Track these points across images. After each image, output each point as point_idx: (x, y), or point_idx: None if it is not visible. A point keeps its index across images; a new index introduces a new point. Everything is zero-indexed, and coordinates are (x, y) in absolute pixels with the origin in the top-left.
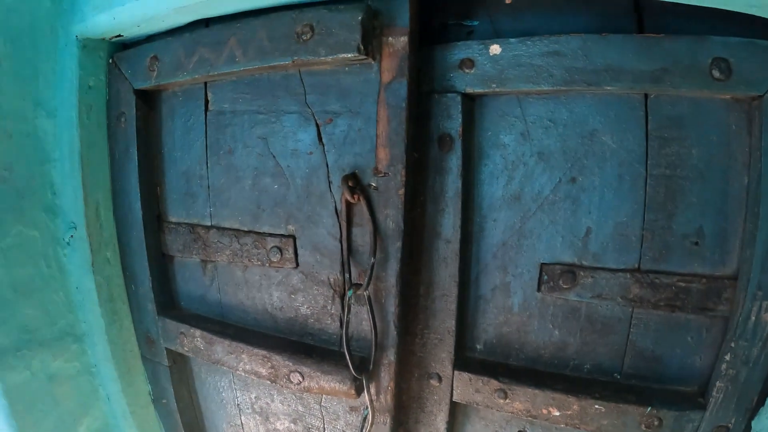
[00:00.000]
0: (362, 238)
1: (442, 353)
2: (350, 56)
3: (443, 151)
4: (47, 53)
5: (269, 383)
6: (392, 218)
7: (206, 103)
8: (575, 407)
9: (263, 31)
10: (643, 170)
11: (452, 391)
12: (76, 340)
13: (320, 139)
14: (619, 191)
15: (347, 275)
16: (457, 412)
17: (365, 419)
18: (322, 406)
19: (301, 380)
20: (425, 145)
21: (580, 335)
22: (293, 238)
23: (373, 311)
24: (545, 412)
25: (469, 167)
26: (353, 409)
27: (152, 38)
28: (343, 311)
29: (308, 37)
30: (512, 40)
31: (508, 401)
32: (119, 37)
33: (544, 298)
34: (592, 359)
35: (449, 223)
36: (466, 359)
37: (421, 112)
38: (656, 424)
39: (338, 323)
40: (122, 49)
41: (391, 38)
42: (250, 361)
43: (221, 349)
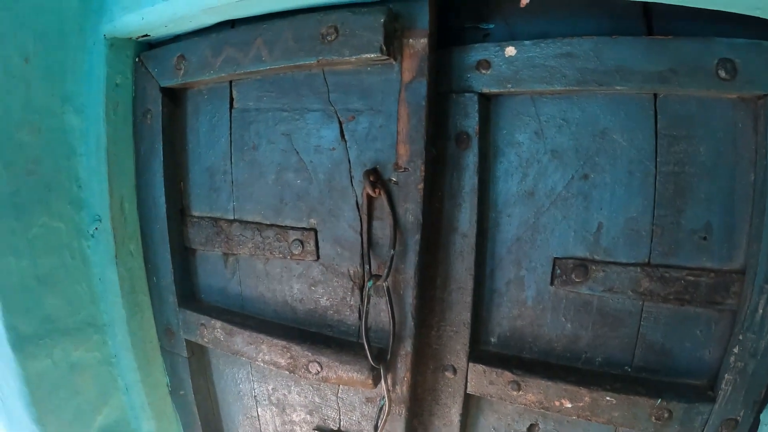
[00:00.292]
0: (382, 231)
1: (457, 345)
2: (373, 56)
3: (460, 148)
4: (75, 51)
5: (287, 374)
6: (411, 212)
7: (231, 101)
8: (587, 399)
9: (289, 32)
10: (652, 167)
11: (467, 383)
12: (97, 330)
13: (343, 135)
14: (629, 188)
15: (367, 267)
16: (471, 404)
17: (381, 410)
18: (338, 397)
19: (319, 370)
20: (443, 142)
21: (591, 328)
22: (315, 231)
23: (391, 302)
24: (557, 404)
25: (485, 164)
26: (369, 400)
27: (178, 38)
28: (362, 302)
29: (333, 38)
30: (527, 42)
31: (521, 393)
32: (146, 36)
33: (556, 291)
34: (603, 352)
35: (466, 218)
36: (480, 352)
37: (439, 110)
38: (666, 416)
39: (357, 314)
40: (147, 48)
41: (411, 40)
42: (269, 351)
43: (241, 340)
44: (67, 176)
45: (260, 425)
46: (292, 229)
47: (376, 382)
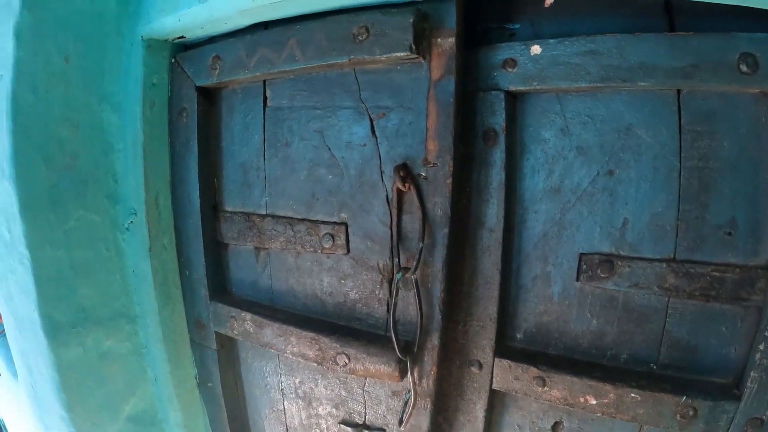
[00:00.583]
0: (411, 224)
1: (483, 340)
2: (402, 55)
3: (488, 145)
4: (113, 52)
5: (315, 368)
6: (440, 206)
7: (265, 99)
8: (612, 396)
9: (322, 32)
10: (677, 163)
11: (492, 378)
12: (129, 321)
13: (373, 132)
14: (654, 183)
15: (396, 260)
16: (495, 400)
17: (406, 403)
18: (365, 390)
19: (347, 362)
20: (471, 139)
21: (617, 324)
22: (345, 225)
23: (420, 295)
24: (582, 400)
25: (512, 161)
26: (395, 393)
27: (213, 39)
28: (390, 295)
29: (364, 37)
30: (551, 40)
31: (546, 389)
32: (181, 38)
33: (582, 287)
34: (628, 349)
35: (493, 213)
36: (506, 347)
37: (467, 108)
38: (691, 414)
39: (385, 308)
40: (183, 49)
41: (439, 39)
42: (298, 343)
43: (270, 332)
44: (104, 171)
45: (286, 418)
46: (323, 223)
47: (402, 375)
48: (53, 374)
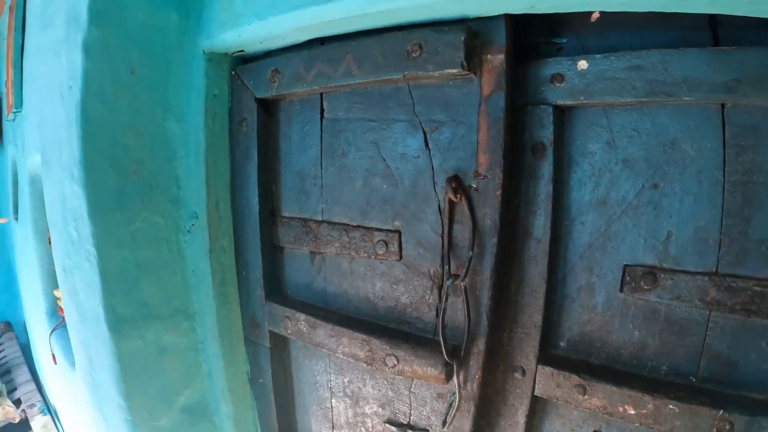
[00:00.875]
0: (461, 234)
1: (527, 347)
2: (454, 72)
3: (536, 158)
4: (176, 64)
5: (364, 368)
6: (490, 216)
7: (322, 111)
8: (650, 406)
9: (377, 48)
10: (720, 177)
11: (534, 384)
12: (187, 318)
13: (427, 144)
14: (698, 197)
15: (447, 267)
16: (537, 407)
17: (451, 405)
18: (411, 392)
19: (396, 363)
20: (520, 152)
21: (658, 336)
22: (398, 233)
23: (468, 301)
24: (621, 410)
25: (559, 173)
26: (440, 395)
27: (270, 53)
28: (440, 300)
29: (417, 54)
30: (597, 56)
31: (586, 397)
32: (240, 51)
33: (625, 298)
34: (669, 361)
35: (540, 224)
36: (549, 355)
37: (516, 122)
38: (727, 428)
39: (434, 313)
40: (241, 62)
41: (490, 56)
42: (349, 344)
43: (323, 332)
44: (167, 177)
45: (332, 415)
46: (377, 230)
47: (448, 377)
48: (114, 365)
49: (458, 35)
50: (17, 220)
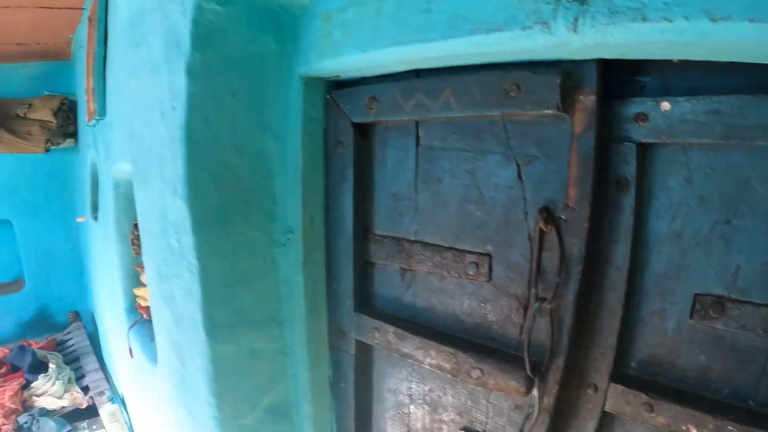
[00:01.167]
0: (549, 260)
1: (601, 366)
2: (550, 112)
3: (619, 192)
4: (274, 87)
5: (446, 378)
6: (576, 246)
7: (417, 138)
8: (711, 427)
9: (476, 85)
10: None
11: (605, 401)
12: (278, 324)
13: (520, 176)
14: (766, 234)
15: (534, 290)
16: (605, 422)
17: (527, 417)
18: (489, 402)
19: (480, 375)
20: (605, 186)
21: (722, 361)
22: (489, 256)
23: (553, 322)
24: (684, 428)
25: (640, 206)
26: (517, 407)
27: (365, 80)
28: (525, 320)
29: (515, 94)
30: (680, 98)
31: (653, 415)
32: (336, 77)
33: (694, 325)
34: (730, 385)
35: (620, 253)
36: (621, 374)
37: (602, 157)
38: None
39: (518, 331)
40: (334, 85)
41: (581, 96)
42: (437, 356)
43: (411, 344)
44: (264, 193)
45: (409, 420)
46: (468, 252)
47: (528, 391)
48: (208, 366)
49: (554, 78)
50: (96, 219)
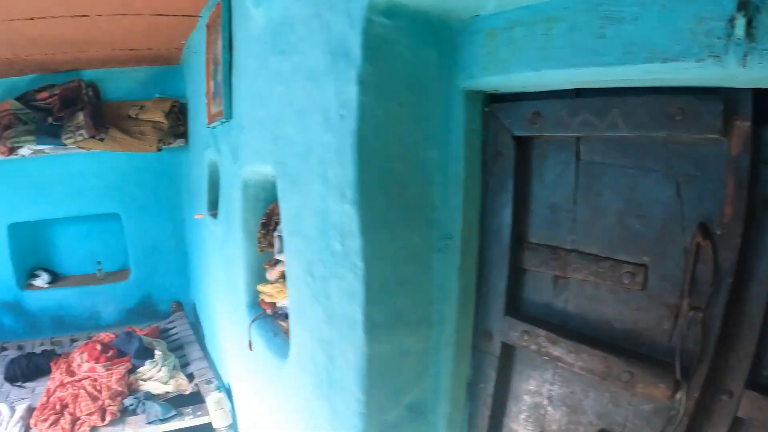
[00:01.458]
0: (703, 273)
1: (738, 373)
2: (713, 136)
3: (766, 210)
4: (435, 99)
5: (590, 380)
6: (728, 260)
7: (577, 153)
8: None
9: (642, 108)
10: None
11: (738, 407)
12: (427, 326)
13: (679, 194)
14: None
15: (687, 300)
16: (736, 427)
17: (669, 419)
18: (630, 405)
19: (630, 378)
20: (755, 205)
21: None
22: (645, 267)
23: (702, 330)
24: None
25: None
26: (658, 410)
27: (524, 95)
28: (676, 327)
29: (680, 117)
30: None
31: None
32: (495, 91)
33: None
34: None
35: (763, 268)
36: (755, 381)
37: (753, 178)
38: None
39: (668, 337)
40: (489, 98)
41: (738, 122)
42: (588, 359)
43: (563, 347)
44: (424, 200)
45: (545, 421)
46: (625, 263)
47: (673, 394)
48: (362, 364)
49: (718, 105)
50: (215, 216)
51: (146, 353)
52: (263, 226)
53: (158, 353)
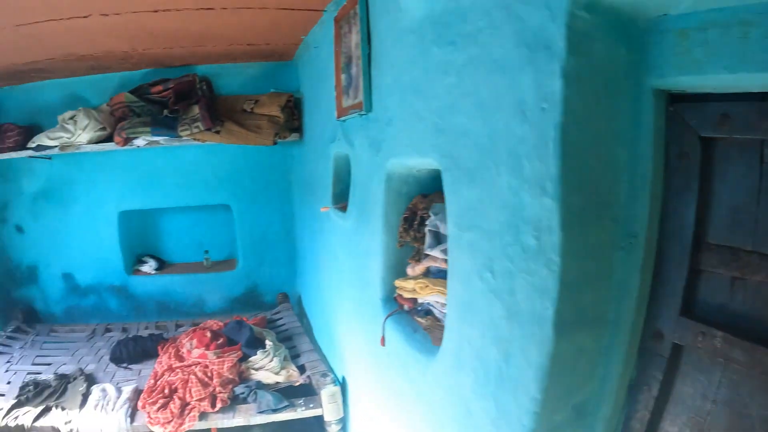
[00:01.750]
0: None
1: None
2: None
3: None
4: (624, 96)
5: (759, 384)
6: None
7: (761, 156)
8: None
9: None
10: None
11: None
12: (603, 324)
13: None
14: None
15: None
16: None
17: None
18: None
19: None
20: None
21: None
22: None
23: None
24: None
25: None
26: None
27: (710, 96)
28: None
29: None
30: None
31: None
32: (681, 91)
33: None
34: None
35: None
36: None
37: None
38: None
39: None
40: (670, 98)
41: None
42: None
43: (741, 349)
44: (611, 197)
45: (705, 425)
46: None
47: None
48: (545, 362)
49: None
50: (342, 210)
51: (256, 343)
52: (405, 220)
53: (269, 343)
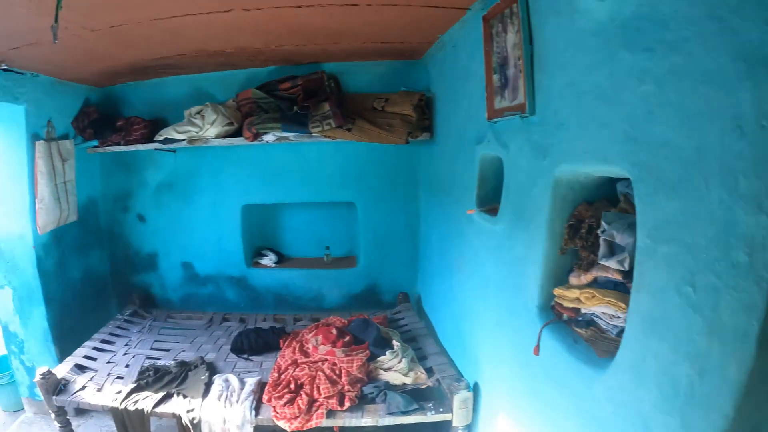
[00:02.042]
0: None
1: None
2: None
3: None
4: None
5: None
6: None
7: None
8: None
9: None
10: None
11: None
12: None
13: None
14: None
15: None
16: None
17: None
18: None
19: None
20: None
21: None
22: None
23: None
24: None
25: None
26: None
27: None
28: None
29: None
30: None
31: None
32: None
33: None
34: None
35: None
36: None
37: None
38: None
39: None
40: None
41: None
42: None
43: None
44: None
45: None
46: None
47: None
48: (742, 379)
49: None
50: (492, 214)
51: (383, 342)
52: (570, 227)
53: (396, 344)
